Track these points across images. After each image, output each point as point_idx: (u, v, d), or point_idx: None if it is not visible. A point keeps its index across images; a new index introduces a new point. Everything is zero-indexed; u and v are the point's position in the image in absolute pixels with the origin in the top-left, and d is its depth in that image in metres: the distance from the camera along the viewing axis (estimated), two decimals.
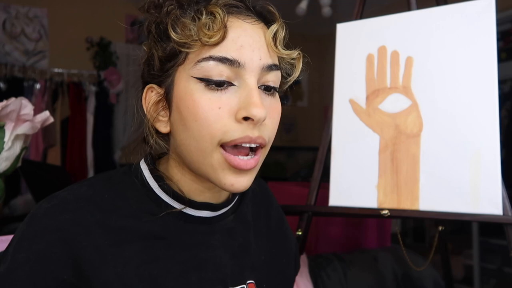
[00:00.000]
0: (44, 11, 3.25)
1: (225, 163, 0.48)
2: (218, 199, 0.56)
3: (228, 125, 0.47)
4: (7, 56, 3.12)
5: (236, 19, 0.49)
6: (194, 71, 0.48)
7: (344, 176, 1.03)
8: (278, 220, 0.69)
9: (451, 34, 0.95)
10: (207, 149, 0.48)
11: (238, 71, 0.47)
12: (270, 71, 0.50)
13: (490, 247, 2.52)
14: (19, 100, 0.71)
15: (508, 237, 0.86)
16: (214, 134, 0.47)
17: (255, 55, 0.48)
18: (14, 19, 3.16)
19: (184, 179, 0.54)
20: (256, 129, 0.48)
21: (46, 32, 3.26)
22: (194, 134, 0.48)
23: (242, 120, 0.47)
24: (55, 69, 3.24)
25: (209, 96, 0.47)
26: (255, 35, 0.49)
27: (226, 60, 0.47)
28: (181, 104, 0.49)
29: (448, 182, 0.91)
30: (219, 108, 0.47)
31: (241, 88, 0.48)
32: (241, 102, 0.47)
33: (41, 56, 3.25)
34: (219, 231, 0.56)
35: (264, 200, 0.68)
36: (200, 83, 0.48)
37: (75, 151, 3.23)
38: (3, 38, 3.11)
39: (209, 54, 0.47)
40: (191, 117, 0.48)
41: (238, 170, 0.49)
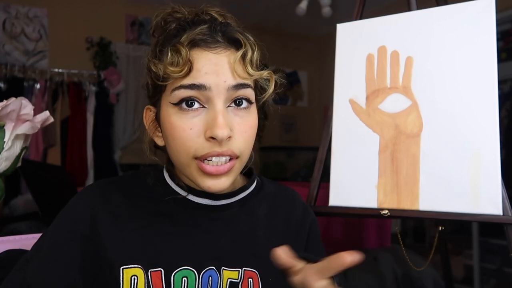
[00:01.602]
0: (44, 11, 3.25)
1: (199, 170, 0.57)
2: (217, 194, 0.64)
3: (199, 143, 0.55)
4: (7, 56, 3.12)
5: (202, 51, 0.56)
6: (170, 98, 0.57)
7: (344, 176, 1.03)
8: (301, 228, 0.70)
9: (451, 34, 0.95)
10: (185, 161, 0.57)
11: (207, 94, 0.55)
12: (238, 89, 0.56)
13: (490, 247, 2.52)
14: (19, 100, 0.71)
15: (508, 237, 0.86)
16: (188, 150, 0.56)
17: (220, 79, 0.55)
18: (14, 19, 3.16)
19: (185, 178, 0.64)
20: (224, 144, 0.55)
21: (46, 32, 3.26)
22: (173, 150, 0.58)
23: (210, 138, 0.55)
24: (55, 69, 3.24)
25: (183, 119, 0.56)
26: (219, 62, 0.56)
27: (194, 86, 0.55)
28: (163, 125, 0.59)
29: (448, 182, 0.91)
30: (190, 129, 0.55)
31: (210, 110, 0.56)
32: (208, 123, 0.55)
33: (41, 56, 3.25)
34: (222, 219, 0.63)
35: (287, 204, 0.71)
36: (174, 107, 0.56)
37: (75, 151, 3.23)
38: (3, 38, 3.11)
39: (180, 84, 0.55)
40: (170, 137, 0.58)
41: (212, 175, 0.56)
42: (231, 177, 0.58)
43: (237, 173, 0.60)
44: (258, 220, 0.66)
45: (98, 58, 3.38)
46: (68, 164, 3.19)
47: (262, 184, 0.72)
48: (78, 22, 3.32)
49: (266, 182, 0.73)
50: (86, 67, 3.35)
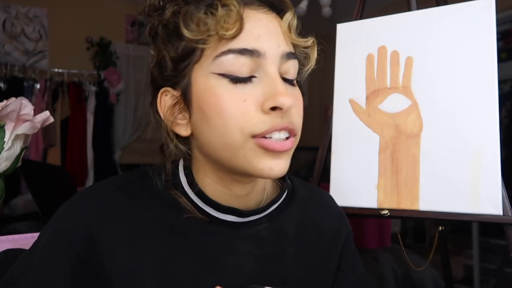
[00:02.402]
0: (44, 11, 3.25)
1: (260, 149, 0.47)
2: (245, 204, 0.55)
3: (256, 117, 0.46)
4: (7, 56, 3.12)
5: (249, 10, 0.48)
6: (213, 67, 0.47)
7: (344, 176, 1.03)
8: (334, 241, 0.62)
9: (451, 34, 0.95)
10: (237, 142, 0.46)
11: (259, 61, 0.47)
12: (289, 59, 0.49)
13: (490, 247, 2.52)
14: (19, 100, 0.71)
15: (508, 237, 0.86)
16: (243, 127, 0.46)
17: (273, 43, 0.47)
18: (14, 19, 3.16)
19: (209, 181, 0.53)
20: (285, 117, 0.47)
21: (46, 32, 3.26)
22: (220, 131, 0.47)
23: (270, 110, 0.46)
24: (55, 69, 3.24)
25: (231, 90, 0.46)
26: (270, 25, 0.48)
27: (246, 51, 0.46)
28: (203, 102, 0.48)
29: (448, 182, 0.91)
30: (244, 101, 0.46)
31: (263, 79, 0.47)
32: (265, 92, 0.46)
33: (41, 56, 3.25)
34: (247, 238, 0.53)
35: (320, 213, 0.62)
36: (221, 78, 0.46)
37: (75, 151, 3.23)
38: (3, 38, 3.11)
39: (227, 48, 0.46)
40: (216, 113, 0.46)
41: (274, 154, 0.47)
42: (289, 158, 0.50)
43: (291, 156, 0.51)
44: (288, 237, 0.57)
45: (98, 58, 3.38)
46: (68, 164, 3.19)
47: (294, 189, 0.62)
48: (78, 22, 3.32)
49: (298, 185, 0.63)
50: (86, 67, 3.35)
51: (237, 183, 0.53)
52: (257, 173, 0.48)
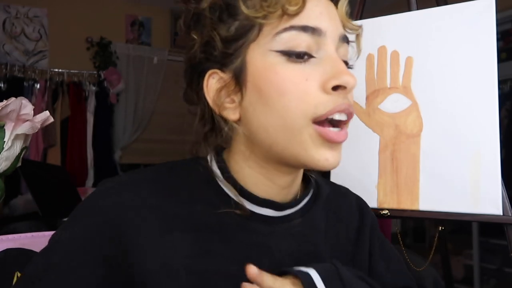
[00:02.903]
0: (44, 11, 3.25)
1: (319, 138, 0.45)
2: (285, 197, 0.53)
3: (319, 97, 0.44)
4: (7, 56, 3.12)
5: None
6: (273, 44, 0.45)
7: (344, 176, 1.03)
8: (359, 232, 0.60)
9: (451, 34, 0.95)
10: (297, 125, 0.45)
11: (320, 40, 0.45)
12: (344, 42, 0.48)
13: (490, 247, 2.52)
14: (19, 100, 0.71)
15: (508, 237, 0.86)
16: (306, 108, 0.44)
17: (333, 24, 0.47)
18: (14, 19, 3.16)
19: (250, 171, 0.51)
20: (346, 98, 0.46)
21: (46, 32, 3.26)
22: (280, 112, 0.45)
23: (332, 90, 0.45)
24: (55, 69, 3.24)
25: (293, 68, 0.45)
26: (328, 5, 0.48)
27: (308, 28, 0.45)
28: (261, 81, 0.46)
29: (448, 182, 0.91)
30: (306, 80, 0.44)
31: (323, 58, 0.46)
32: (327, 72, 0.45)
33: (41, 56, 3.24)
34: (282, 234, 0.51)
35: (343, 206, 0.61)
36: (282, 56, 0.45)
37: (75, 151, 3.23)
38: (3, 38, 3.11)
39: (289, 24, 0.45)
40: (276, 93, 0.45)
41: (331, 144, 0.46)
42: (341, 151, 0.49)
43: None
44: (321, 233, 0.55)
45: (98, 58, 3.38)
46: (68, 164, 3.18)
47: (318, 186, 0.60)
48: (78, 22, 3.32)
49: (321, 182, 0.61)
50: (86, 67, 3.35)
51: (281, 173, 0.50)
52: (312, 162, 0.46)
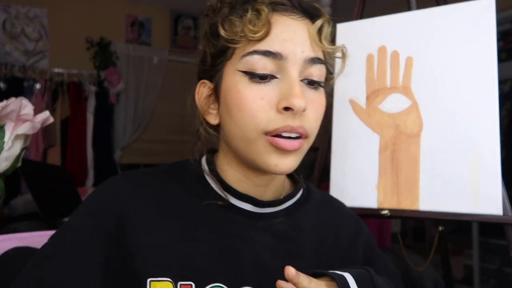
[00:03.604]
0: (44, 11, 3.25)
1: (270, 146, 0.51)
2: (262, 194, 0.58)
3: (270, 116, 0.50)
4: (7, 56, 3.12)
5: (281, 15, 0.52)
6: (240, 65, 0.51)
7: (344, 176, 1.03)
8: (352, 243, 0.63)
9: (451, 34, 0.95)
10: (251, 136, 0.51)
11: (281, 63, 0.50)
12: (313, 64, 0.52)
13: (490, 247, 2.52)
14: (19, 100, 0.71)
15: (508, 237, 0.86)
16: (258, 123, 0.50)
17: (298, 48, 0.51)
18: (14, 19, 3.16)
19: (230, 169, 0.58)
20: (297, 119, 0.50)
21: (46, 32, 3.26)
22: (239, 124, 0.52)
23: (283, 110, 0.50)
24: (55, 69, 3.24)
25: (252, 88, 0.51)
26: (298, 30, 0.52)
27: (269, 53, 0.50)
28: (227, 96, 0.53)
29: (448, 182, 0.91)
30: (261, 99, 0.50)
31: (283, 80, 0.51)
32: (282, 93, 0.50)
33: (41, 56, 3.24)
34: (263, 229, 0.56)
35: (335, 216, 0.65)
36: (244, 76, 0.51)
37: (75, 151, 3.23)
38: (3, 38, 3.11)
39: (253, 49, 0.50)
40: (236, 108, 0.51)
41: (282, 152, 0.51)
42: (298, 158, 0.53)
43: (302, 156, 0.55)
44: (305, 234, 0.59)
45: (98, 58, 3.38)
46: (68, 164, 3.18)
47: (309, 192, 0.65)
48: (78, 22, 3.32)
49: (313, 189, 0.67)
50: (86, 67, 3.35)
51: (254, 173, 0.56)
52: (264, 167, 0.52)
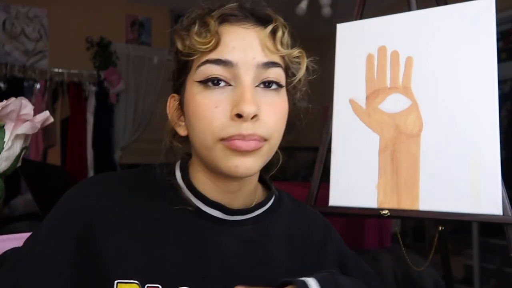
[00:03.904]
0: (44, 11, 3.25)
1: (228, 149, 0.52)
2: (232, 201, 0.59)
3: (224, 123, 0.51)
4: (7, 56, 3.12)
5: (231, 26, 0.54)
6: (196, 76, 0.54)
7: (344, 176, 1.03)
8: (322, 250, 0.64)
9: (451, 34, 0.95)
10: (209, 143, 0.53)
11: (234, 71, 0.52)
12: (268, 68, 0.53)
13: (490, 247, 2.52)
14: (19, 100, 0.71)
15: (508, 237, 0.86)
16: (213, 130, 0.52)
17: (248, 55, 0.53)
18: (14, 19, 3.16)
19: (201, 176, 0.59)
20: (250, 126, 0.51)
21: (46, 32, 3.26)
22: (197, 132, 0.54)
23: (235, 117, 0.51)
24: (55, 69, 3.24)
25: (207, 96, 0.52)
26: (248, 38, 0.54)
27: (220, 61, 0.52)
28: (187, 106, 0.55)
29: (448, 182, 0.91)
30: (215, 107, 0.52)
31: (236, 87, 0.52)
32: (234, 100, 0.51)
33: (41, 56, 3.25)
34: (232, 236, 0.57)
35: (306, 223, 0.66)
36: (200, 85, 0.53)
37: (75, 151, 3.23)
38: (3, 38, 3.11)
39: (205, 58, 0.53)
40: (194, 117, 0.54)
41: (240, 153, 0.52)
42: (259, 159, 0.54)
43: (265, 159, 0.55)
44: (274, 242, 0.60)
45: (98, 58, 3.38)
46: (68, 164, 3.18)
47: (280, 199, 0.66)
48: (78, 22, 3.32)
49: (285, 196, 0.68)
50: (86, 67, 3.35)
51: (222, 179, 0.57)
52: (226, 171, 0.53)
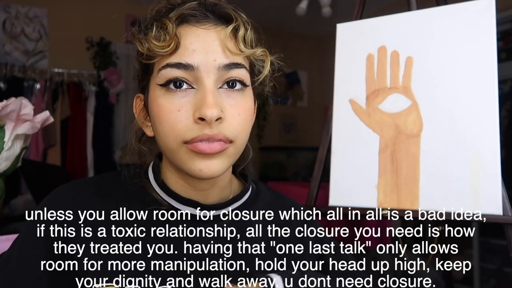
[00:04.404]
0: (44, 11, 3.25)
1: (192, 152, 0.52)
2: (205, 198, 0.59)
3: (187, 126, 0.51)
4: (7, 56, 3.12)
5: (191, 27, 0.53)
6: (157, 79, 0.53)
7: (344, 176, 1.03)
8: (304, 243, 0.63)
9: (451, 34, 0.95)
10: (173, 146, 0.52)
11: (195, 74, 0.51)
12: (230, 69, 0.53)
13: (490, 247, 2.52)
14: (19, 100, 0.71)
15: (508, 237, 0.87)
16: (176, 134, 0.51)
17: (209, 57, 0.52)
18: (14, 19, 3.16)
19: (172, 175, 0.59)
20: (215, 127, 0.51)
21: (46, 32, 3.26)
22: (161, 135, 0.53)
23: (199, 120, 0.50)
24: (55, 69, 3.24)
25: (170, 100, 0.52)
26: (208, 39, 0.52)
27: (180, 65, 0.51)
28: (151, 109, 0.55)
29: (448, 182, 0.91)
30: (178, 111, 0.51)
31: (199, 90, 0.52)
32: (197, 104, 0.51)
33: (41, 56, 3.24)
34: (208, 233, 0.57)
35: (286, 216, 0.65)
36: (162, 88, 0.52)
37: (75, 151, 3.23)
38: (3, 38, 3.11)
39: (166, 62, 0.52)
40: (157, 120, 0.53)
41: (204, 156, 0.51)
42: (224, 161, 0.53)
43: (232, 160, 0.55)
44: (250, 236, 0.60)
45: (98, 58, 3.38)
46: (68, 164, 3.18)
47: (258, 192, 0.65)
48: (78, 22, 3.32)
49: (263, 189, 0.67)
50: (86, 67, 3.35)
51: (193, 179, 0.57)
52: (190, 173, 0.53)
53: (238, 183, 0.65)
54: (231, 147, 0.53)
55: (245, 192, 0.63)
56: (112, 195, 0.58)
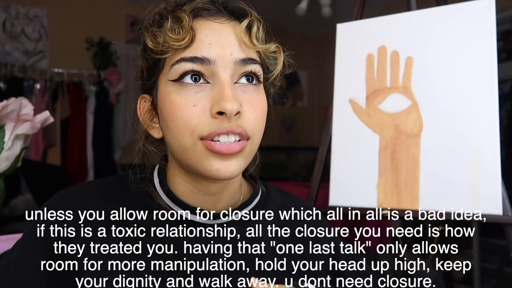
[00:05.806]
0: (44, 11, 3.25)
1: (208, 151, 0.50)
2: (215, 203, 0.57)
3: (203, 121, 0.49)
4: (7, 56, 3.12)
5: (205, 20, 0.52)
6: (170, 75, 0.51)
7: (344, 176, 1.03)
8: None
9: (451, 34, 0.95)
10: (188, 144, 0.50)
11: (211, 68, 0.50)
12: (246, 64, 0.51)
13: (490, 247, 2.52)
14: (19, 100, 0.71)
15: (508, 237, 0.87)
16: (192, 129, 0.49)
17: (226, 51, 0.50)
18: (14, 19, 3.16)
19: (179, 180, 0.57)
20: (233, 122, 0.49)
21: (46, 32, 3.26)
22: (174, 133, 0.51)
23: (217, 115, 0.49)
24: (55, 69, 3.24)
25: (184, 96, 0.50)
26: (224, 33, 0.51)
27: (196, 59, 0.49)
28: (162, 107, 0.53)
29: (448, 182, 0.91)
30: (194, 106, 0.49)
31: (215, 85, 0.50)
32: (214, 98, 0.49)
33: (41, 56, 3.24)
34: (215, 239, 0.56)
35: (297, 219, 0.63)
36: (175, 84, 0.51)
37: (75, 151, 3.23)
38: (3, 38, 3.11)
39: (180, 57, 0.50)
40: (170, 118, 0.51)
41: (222, 156, 0.50)
42: (242, 161, 0.51)
43: (248, 159, 0.53)
44: (260, 242, 0.57)
45: (98, 58, 3.38)
46: (68, 164, 3.18)
47: (268, 196, 0.63)
48: (78, 22, 3.32)
49: (273, 192, 0.64)
50: (86, 67, 3.35)
51: (203, 182, 0.55)
52: (206, 173, 0.51)
53: (247, 186, 0.63)
54: (248, 145, 0.52)
55: (255, 196, 0.61)
56: (116, 200, 0.56)
